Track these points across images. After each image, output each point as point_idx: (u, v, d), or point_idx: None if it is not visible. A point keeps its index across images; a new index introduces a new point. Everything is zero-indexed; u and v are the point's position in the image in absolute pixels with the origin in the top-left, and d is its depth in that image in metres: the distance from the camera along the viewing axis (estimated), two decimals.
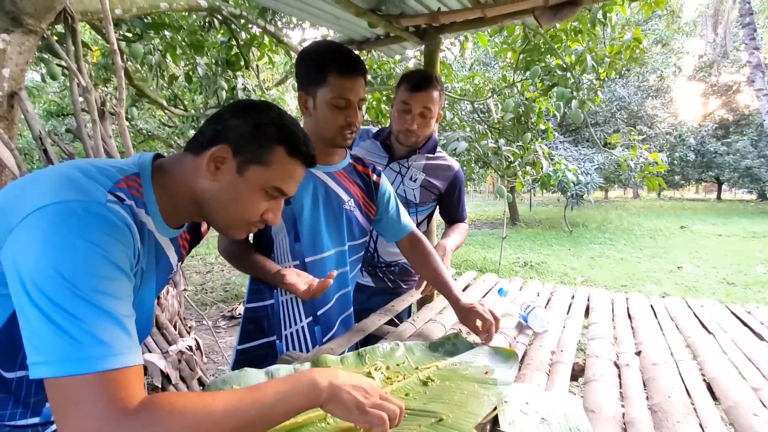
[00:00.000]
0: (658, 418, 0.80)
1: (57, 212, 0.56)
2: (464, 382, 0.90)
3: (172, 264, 0.83)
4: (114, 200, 0.62)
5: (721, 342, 1.21)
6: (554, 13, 1.60)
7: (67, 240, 0.55)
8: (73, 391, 0.51)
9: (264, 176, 0.74)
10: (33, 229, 0.55)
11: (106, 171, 0.67)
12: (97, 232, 0.57)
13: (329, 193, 1.15)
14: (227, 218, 0.76)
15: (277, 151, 0.74)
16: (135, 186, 0.69)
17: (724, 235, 10.50)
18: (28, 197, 0.58)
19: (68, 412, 0.51)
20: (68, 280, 0.53)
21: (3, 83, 2.01)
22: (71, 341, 0.52)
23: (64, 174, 0.62)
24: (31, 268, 0.54)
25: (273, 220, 0.79)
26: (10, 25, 2.01)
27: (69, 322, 0.52)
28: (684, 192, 32.23)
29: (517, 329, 1.28)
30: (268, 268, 1.07)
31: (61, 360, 0.51)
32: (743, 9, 11.16)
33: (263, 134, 0.74)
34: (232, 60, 4.25)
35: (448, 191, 1.62)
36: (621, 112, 14.19)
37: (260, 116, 0.75)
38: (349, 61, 1.07)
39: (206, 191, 0.73)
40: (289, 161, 0.76)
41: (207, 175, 0.72)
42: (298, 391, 0.62)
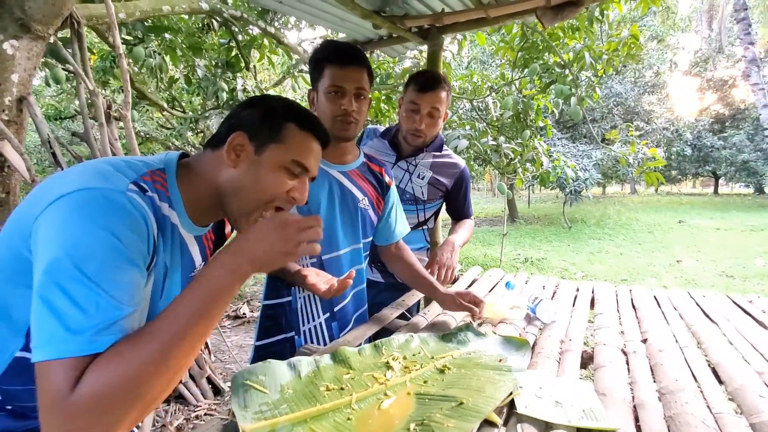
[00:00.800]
0: (667, 400, 0.84)
1: (78, 198, 0.59)
2: (480, 369, 0.94)
3: (196, 263, 0.86)
4: (135, 190, 0.65)
5: (724, 330, 1.25)
6: (556, 13, 1.64)
7: (84, 225, 0.57)
8: (43, 374, 0.52)
9: (281, 152, 0.76)
10: (54, 213, 0.58)
11: (134, 165, 0.70)
12: (112, 219, 0.59)
13: (345, 193, 1.18)
14: (250, 201, 0.77)
15: (289, 127, 0.78)
16: (160, 180, 0.72)
17: (722, 228, 10.58)
18: (56, 186, 0.61)
19: (39, 395, 0.52)
20: (77, 266, 0.55)
21: (12, 88, 2.03)
22: (64, 327, 0.53)
23: (92, 166, 0.66)
24: (46, 252, 0.56)
25: (300, 199, 0.80)
26: (19, 31, 2.03)
27: (67, 306, 0.53)
28: (681, 187, 32.37)
29: (526, 320, 1.32)
30: (288, 267, 1.10)
31: (47, 344, 0.53)
32: (738, 4, 11.24)
33: (274, 114, 0.78)
34: (232, 61, 4.28)
35: (455, 188, 1.66)
36: (618, 108, 14.27)
37: (268, 102, 0.80)
38: (344, 52, 1.11)
39: (229, 180, 0.76)
40: (303, 135, 0.79)
41: (228, 163, 0.75)
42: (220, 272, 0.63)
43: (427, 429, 0.72)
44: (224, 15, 3.40)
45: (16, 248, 0.63)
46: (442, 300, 1.25)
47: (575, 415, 0.77)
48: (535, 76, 3.92)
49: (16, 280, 0.64)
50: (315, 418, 0.75)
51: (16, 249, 0.63)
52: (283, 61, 6.02)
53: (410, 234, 1.67)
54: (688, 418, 0.76)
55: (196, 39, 4.08)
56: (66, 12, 2.22)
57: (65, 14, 2.22)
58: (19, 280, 0.64)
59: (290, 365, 0.93)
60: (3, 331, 0.66)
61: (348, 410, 0.79)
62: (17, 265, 0.63)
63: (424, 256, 1.76)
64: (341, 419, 0.76)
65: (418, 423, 0.74)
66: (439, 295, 1.26)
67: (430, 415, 0.76)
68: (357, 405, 0.80)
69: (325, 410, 0.77)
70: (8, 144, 1.99)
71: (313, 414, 0.76)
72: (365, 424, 0.75)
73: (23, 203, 0.66)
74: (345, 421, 0.75)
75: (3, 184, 1.98)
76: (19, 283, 0.64)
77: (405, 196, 1.61)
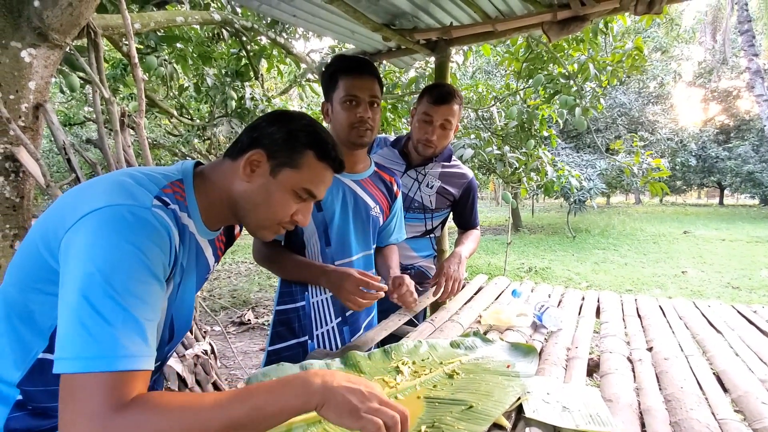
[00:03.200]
0: (672, 406, 0.86)
1: (106, 215, 0.62)
2: (488, 374, 0.96)
3: (210, 264, 0.90)
4: (159, 204, 0.68)
5: (729, 339, 1.26)
6: (562, 27, 1.68)
7: (112, 241, 0.60)
8: (75, 387, 0.54)
9: (295, 178, 0.80)
10: (84, 229, 0.61)
11: (154, 178, 0.73)
12: (139, 235, 0.62)
13: (357, 201, 1.22)
14: (259, 218, 0.81)
15: (307, 155, 0.81)
16: (179, 191, 0.76)
17: (728, 239, 10.53)
18: (85, 201, 0.64)
19: (66, 406, 0.53)
20: (105, 280, 0.57)
21: (29, 95, 2.09)
22: (90, 339, 0.55)
23: (116, 180, 0.69)
24: (76, 266, 0.59)
25: (302, 221, 0.84)
26: (37, 40, 2.09)
27: (94, 320, 0.55)
28: (686, 197, 32.24)
29: (533, 328, 1.34)
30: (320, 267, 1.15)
31: (77, 357, 0.54)
32: (741, 16, 11.29)
33: (295, 140, 0.80)
34: (241, 70, 4.36)
35: (462, 198, 1.69)
36: (622, 119, 14.30)
37: (293, 124, 0.82)
38: (357, 63, 1.16)
39: (242, 192, 0.79)
40: (319, 165, 0.82)
41: (243, 177, 0.78)
42: (290, 392, 0.60)
43: (437, 431, 0.74)
44: (235, 25, 3.48)
45: (42, 257, 0.66)
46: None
47: (582, 419, 0.79)
48: (539, 86, 3.97)
49: (40, 287, 0.67)
50: None
51: (42, 258, 0.66)
52: (290, 70, 6.11)
53: (418, 241, 1.70)
54: (693, 423, 0.77)
55: (206, 48, 4.17)
56: (83, 22, 2.28)
57: (82, 24, 2.28)
58: (43, 287, 0.67)
59: (302, 368, 0.96)
60: (27, 334, 0.69)
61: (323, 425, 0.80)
62: (43, 273, 0.66)
63: (432, 264, 1.79)
64: None
65: (428, 425, 0.76)
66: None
67: (440, 417, 0.78)
68: None
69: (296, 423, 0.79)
70: (24, 150, 2.04)
71: (287, 427, 0.78)
72: None
73: (49, 214, 0.69)
74: None
75: (18, 189, 2.02)
76: (44, 290, 0.67)
77: (413, 204, 1.64)
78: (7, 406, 0.69)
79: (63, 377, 0.55)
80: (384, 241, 1.38)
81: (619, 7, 1.62)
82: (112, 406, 0.53)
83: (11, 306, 0.69)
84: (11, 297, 0.70)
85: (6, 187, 1.98)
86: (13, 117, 1.94)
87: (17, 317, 0.69)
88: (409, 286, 1.17)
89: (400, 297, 1.15)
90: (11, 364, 0.69)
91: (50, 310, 0.67)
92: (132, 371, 0.56)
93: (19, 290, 0.69)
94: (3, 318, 0.70)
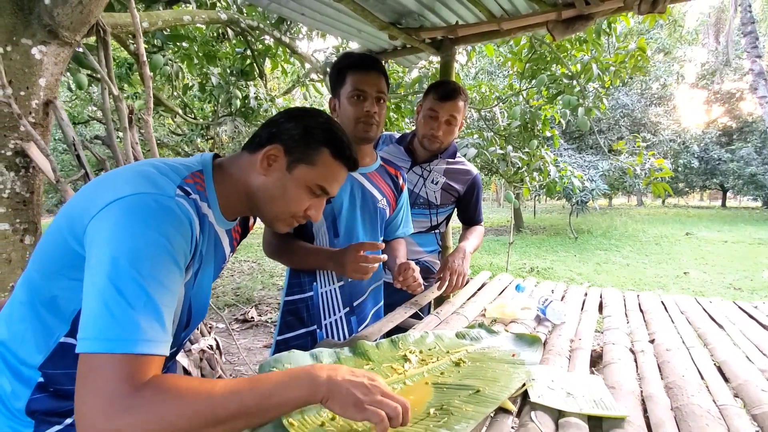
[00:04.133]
0: (674, 393, 0.88)
1: (131, 203, 0.64)
2: (494, 362, 0.98)
3: (226, 254, 0.92)
4: (181, 194, 0.70)
5: (730, 332, 1.28)
6: (567, 26, 1.70)
7: (137, 228, 0.62)
8: (94, 367, 0.55)
9: (310, 175, 0.83)
10: (110, 216, 0.63)
11: (176, 168, 0.76)
12: (163, 223, 0.64)
13: (365, 193, 1.25)
14: (275, 211, 0.84)
15: (323, 152, 0.83)
16: (199, 182, 0.78)
17: (730, 241, 10.52)
18: (109, 190, 0.67)
19: (85, 385, 0.55)
20: (130, 264, 0.59)
21: (39, 92, 2.12)
22: (112, 321, 0.56)
23: (139, 170, 0.71)
24: (102, 253, 0.61)
25: (315, 216, 0.87)
26: (47, 38, 2.12)
27: (117, 303, 0.57)
28: (688, 199, 32.19)
29: (536, 321, 1.36)
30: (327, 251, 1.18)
31: (97, 338, 0.56)
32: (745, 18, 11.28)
33: (312, 137, 0.83)
34: (246, 70, 4.40)
35: (467, 194, 1.72)
36: (625, 120, 14.31)
37: (310, 121, 0.85)
38: (364, 59, 1.19)
39: (258, 185, 0.82)
40: (333, 163, 0.85)
41: (260, 170, 0.81)
42: (297, 383, 0.62)
43: (446, 413, 0.77)
44: (241, 25, 3.51)
45: (67, 243, 0.68)
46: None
47: (586, 404, 0.81)
48: (542, 86, 3.99)
49: (65, 273, 0.69)
50: None
51: (67, 244, 0.68)
52: (294, 70, 6.15)
53: (423, 237, 1.73)
54: (693, 408, 0.80)
55: (211, 48, 4.20)
56: (93, 20, 2.32)
57: (92, 22, 2.31)
58: (68, 273, 0.69)
59: (312, 356, 0.98)
60: (50, 319, 0.71)
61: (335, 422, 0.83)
62: (68, 259, 0.68)
63: (436, 259, 1.81)
64: None
65: (437, 408, 0.79)
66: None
67: (448, 401, 0.81)
68: None
69: None
70: (34, 145, 2.06)
71: None
72: None
73: (74, 201, 0.71)
74: None
75: (28, 184, 2.05)
76: (69, 275, 0.69)
77: (419, 200, 1.66)
78: (29, 388, 0.72)
79: (82, 357, 0.56)
80: (391, 235, 1.40)
81: (623, 6, 1.65)
82: (127, 386, 0.55)
83: (35, 291, 0.72)
84: (36, 283, 0.72)
85: (17, 182, 2.01)
86: (23, 113, 1.97)
87: (40, 302, 0.71)
88: (414, 271, 1.19)
89: (405, 281, 1.17)
90: (33, 347, 0.71)
91: (74, 295, 0.69)
92: (149, 355, 0.58)
93: (44, 276, 0.71)
94: (27, 303, 0.72)
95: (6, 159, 1.95)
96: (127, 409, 0.54)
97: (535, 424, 0.76)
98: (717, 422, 0.76)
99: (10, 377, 0.72)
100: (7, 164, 1.96)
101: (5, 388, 0.72)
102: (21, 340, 0.72)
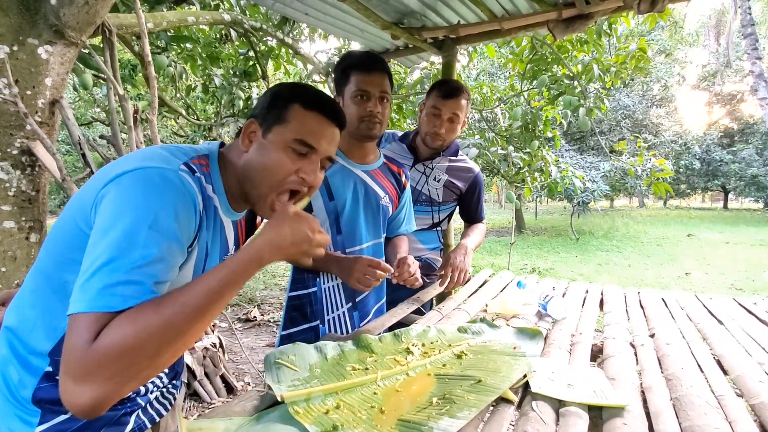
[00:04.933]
0: (673, 384, 0.89)
1: (136, 175, 0.66)
2: (495, 354, 1.00)
3: (229, 247, 0.93)
4: (186, 170, 0.72)
5: (729, 328, 1.29)
6: (567, 25, 1.72)
7: (140, 197, 0.64)
8: (71, 326, 0.57)
9: (285, 133, 0.78)
10: (116, 187, 0.65)
11: (185, 150, 0.78)
12: (166, 193, 0.66)
13: (368, 190, 1.26)
14: (264, 185, 0.79)
15: (292, 107, 0.80)
16: (205, 165, 0.80)
17: (732, 242, 10.51)
18: (116, 167, 0.68)
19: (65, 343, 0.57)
20: (129, 230, 0.60)
21: (45, 91, 2.14)
22: (100, 285, 0.57)
23: (149, 150, 0.73)
24: (103, 218, 0.62)
25: (311, 180, 0.80)
26: (53, 38, 2.14)
27: (110, 266, 0.58)
28: (690, 201, 32.14)
29: (537, 316, 1.37)
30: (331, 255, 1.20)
31: (81, 299, 0.57)
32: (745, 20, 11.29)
33: (278, 98, 0.82)
34: (249, 71, 4.42)
35: (469, 191, 1.73)
36: (626, 121, 14.31)
37: (278, 87, 0.85)
38: (369, 59, 1.21)
39: (244, 164, 0.80)
40: (308, 114, 0.80)
41: (242, 148, 0.81)
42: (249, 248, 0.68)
43: (448, 401, 0.78)
44: (244, 26, 3.54)
45: (78, 228, 0.69)
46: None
47: (586, 394, 0.83)
48: (543, 87, 4.00)
49: (76, 257, 0.69)
50: (344, 391, 0.82)
51: (78, 228, 0.69)
52: (296, 71, 6.18)
53: (425, 234, 1.74)
54: (692, 398, 0.81)
55: (214, 49, 4.23)
56: (98, 20, 2.34)
57: (98, 22, 2.34)
58: (79, 257, 0.68)
59: (317, 348, 1.00)
60: (59, 306, 0.72)
61: (374, 386, 0.85)
62: (77, 242, 0.69)
63: (438, 257, 1.82)
64: (368, 393, 0.82)
65: (439, 397, 0.80)
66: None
67: (450, 390, 0.82)
68: (382, 383, 0.86)
69: (353, 384, 0.84)
70: (40, 144, 2.08)
71: (343, 387, 0.83)
72: (391, 396, 0.81)
73: (84, 188, 0.73)
74: (372, 394, 0.82)
75: (33, 182, 2.07)
76: (80, 260, 0.68)
77: (421, 197, 1.68)
78: (35, 377, 0.73)
79: (69, 320, 0.58)
80: (394, 232, 1.42)
81: (623, 5, 1.66)
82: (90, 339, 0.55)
83: (46, 278, 0.73)
84: (47, 270, 0.73)
85: (22, 180, 2.03)
86: (30, 112, 1.99)
87: (51, 289, 0.72)
88: (411, 265, 1.20)
89: (401, 275, 1.19)
90: (43, 334, 0.73)
91: None
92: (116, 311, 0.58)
93: (55, 262, 0.72)
94: (37, 291, 0.74)
95: (12, 157, 1.97)
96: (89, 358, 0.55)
97: (536, 413, 0.77)
98: (715, 412, 0.77)
99: (18, 366, 0.73)
100: (13, 163, 1.98)
101: (12, 376, 0.73)
102: (31, 327, 0.73)
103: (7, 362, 0.74)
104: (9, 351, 0.74)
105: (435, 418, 0.72)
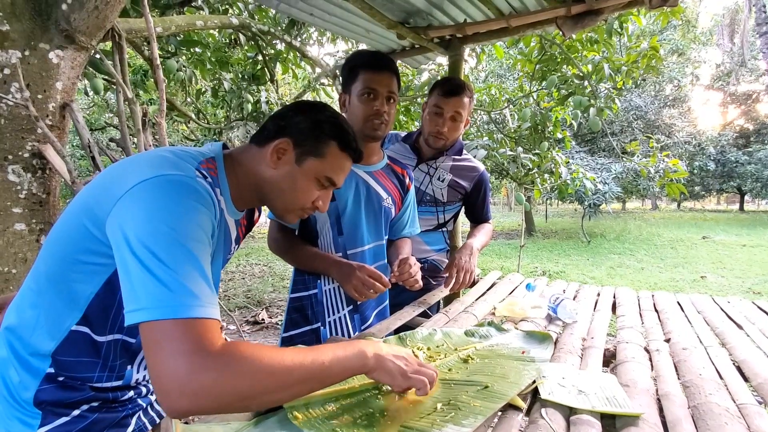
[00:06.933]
0: (691, 392, 0.85)
1: (158, 183, 0.65)
2: (503, 359, 0.97)
3: (232, 245, 0.93)
4: (200, 176, 0.72)
5: (749, 332, 1.24)
6: (576, 22, 1.69)
7: (168, 204, 0.64)
8: (164, 332, 0.57)
9: (319, 167, 0.85)
10: (138, 196, 0.64)
11: (191, 154, 0.77)
12: (190, 199, 0.67)
13: (370, 192, 1.24)
14: (285, 203, 0.87)
15: (331, 145, 0.85)
16: (212, 168, 0.79)
17: (748, 245, 10.26)
18: (131, 174, 0.67)
19: (160, 349, 0.56)
20: (168, 237, 0.61)
21: (56, 95, 2.16)
22: (165, 290, 0.58)
23: (158, 155, 0.73)
24: (137, 227, 0.62)
25: (322, 207, 0.89)
26: (64, 42, 2.16)
27: (165, 273, 0.59)
28: (705, 203, 31.54)
29: (547, 320, 1.34)
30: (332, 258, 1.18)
31: (156, 306, 0.57)
32: (760, 18, 11.09)
33: (320, 130, 0.85)
34: (258, 74, 4.45)
35: (474, 191, 1.70)
36: (638, 122, 14.11)
37: (318, 115, 0.86)
38: (377, 59, 1.20)
39: (268, 178, 0.84)
40: (341, 155, 0.87)
41: (270, 164, 0.83)
42: (350, 357, 0.70)
43: (453, 408, 0.75)
44: (252, 29, 3.56)
45: (85, 228, 0.68)
46: None
47: (599, 401, 0.79)
48: (553, 88, 3.95)
49: (82, 258, 0.70)
50: (345, 396, 0.80)
51: (85, 229, 0.68)
52: (305, 75, 6.21)
53: (430, 235, 1.71)
54: (712, 407, 0.77)
55: (223, 54, 4.27)
56: (108, 25, 2.36)
57: (107, 27, 2.36)
58: (85, 258, 0.69)
59: None
60: (62, 307, 0.72)
61: (376, 391, 0.82)
62: (85, 244, 0.69)
63: (444, 258, 1.79)
64: (370, 398, 0.80)
65: (444, 403, 0.77)
66: None
67: (456, 396, 0.79)
68: (384, 387, 0.83)
69: (354, 389, 0.81)
70: (51, 147, 2.11)
71: (344, 392, 0.80)
72: (393, 401, 0.78)
73: (91, 188, 0.72)
74: (373, 399, 0.79)
75: (44, 185, 2.09)
76: (86, 260, 0.69)
77: (425, 197, 1.65)
78: (37, 378, 0.72)
79: (144, 326, 0.58)
80: (397, 234, 1.40)
81: (633, 0, 1.62)
82: (203, 347, 0.57)
83: (49, 279, 0.72)
84: (49, 270, 0.72)
85: (33, 183, 2.05)
86: (40, 116, 2.01)
87: (54, 290, 0.72)
88: (413, 266, 1.18)
89: (401, 276, 1.17)
90: (46, 335, 0.72)
91: (90, 280, 0.70)
92: (208, 319, 0.60)
93: (59, 262, 0.71)
94: (38, 291, 0.73)
95: (23, 161, 1.99)
96: (207, 369, 0.56)
97: (545, 421, 0.74)
98: (737, 421, 0.73)
99: (18, 367, 0.72)
100: (24, 166, 2.00)
101: (12, 378, 0.72)
102: (33, 326, 0.72)
103: (7, 363, 0.73)
104: (9, 352, 0.73)
105: (439, 425, 0.69)
